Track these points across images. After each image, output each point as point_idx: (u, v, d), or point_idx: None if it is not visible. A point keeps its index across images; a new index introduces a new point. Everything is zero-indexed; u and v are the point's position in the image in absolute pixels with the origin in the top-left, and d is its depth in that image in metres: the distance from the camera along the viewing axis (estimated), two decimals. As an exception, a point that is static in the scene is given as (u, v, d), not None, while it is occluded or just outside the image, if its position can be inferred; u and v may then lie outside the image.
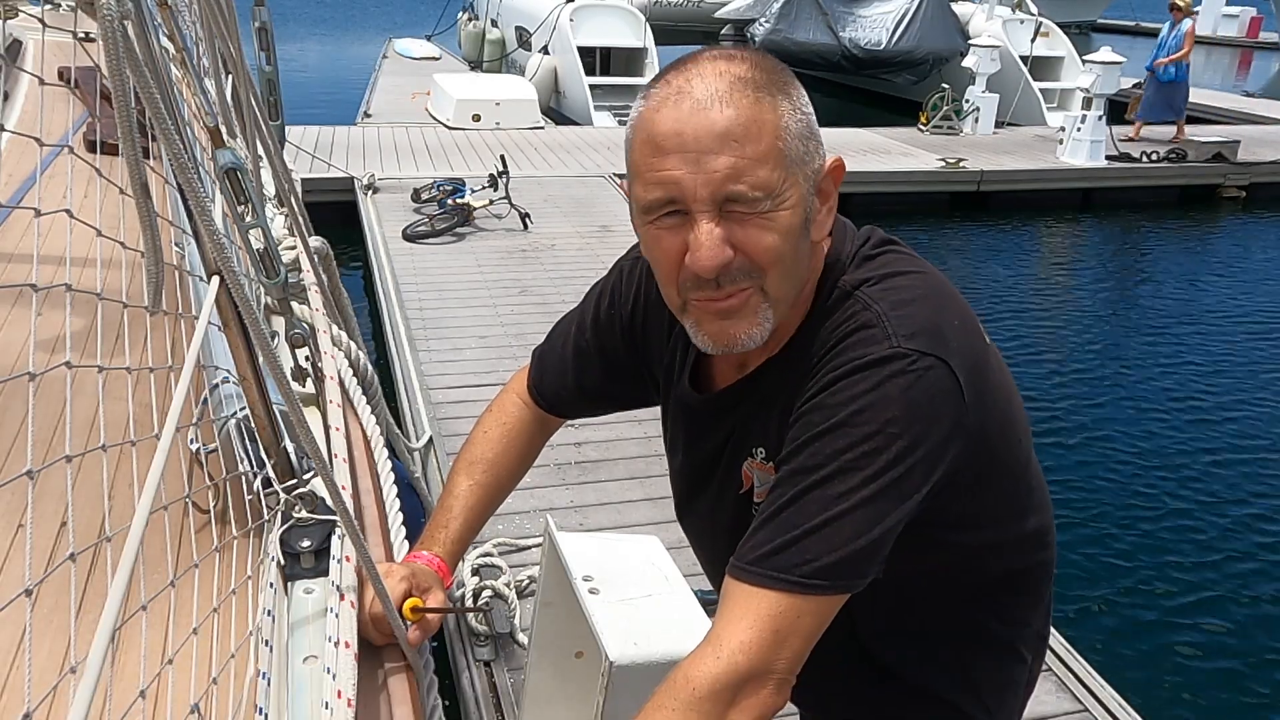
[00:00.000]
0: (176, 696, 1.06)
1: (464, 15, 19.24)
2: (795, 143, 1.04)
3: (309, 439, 1.18)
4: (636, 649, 1.64)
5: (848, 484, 1.02)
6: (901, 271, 1.12)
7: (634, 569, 1.89)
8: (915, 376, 1.02)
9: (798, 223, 1.06)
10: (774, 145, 1.02)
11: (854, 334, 1.06)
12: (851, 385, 1.03)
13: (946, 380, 1.03)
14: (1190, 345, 7.36)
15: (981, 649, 1.32)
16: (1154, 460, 5.57)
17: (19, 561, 1.36)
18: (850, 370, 1.04)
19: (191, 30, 3.01)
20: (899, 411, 1.01)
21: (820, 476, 1.03)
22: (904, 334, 1.04)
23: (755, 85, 1.02)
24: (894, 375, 1.02)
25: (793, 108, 1.04)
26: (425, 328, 5.68)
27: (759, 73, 1.04)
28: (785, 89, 1.05)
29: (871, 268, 1.13)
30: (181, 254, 2.07)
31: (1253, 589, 4.43)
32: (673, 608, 1.80)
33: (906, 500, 1.04)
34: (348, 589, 1.23)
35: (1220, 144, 11.59)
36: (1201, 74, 26.69)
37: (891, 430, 1.01)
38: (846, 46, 16.16)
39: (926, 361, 1.02)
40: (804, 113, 1.06)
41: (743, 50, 1.07)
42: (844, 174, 1.13)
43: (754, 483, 1.23)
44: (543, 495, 3.93)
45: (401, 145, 10.50)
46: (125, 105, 1.03)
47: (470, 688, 2.94)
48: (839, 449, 1.03)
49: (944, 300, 1.10)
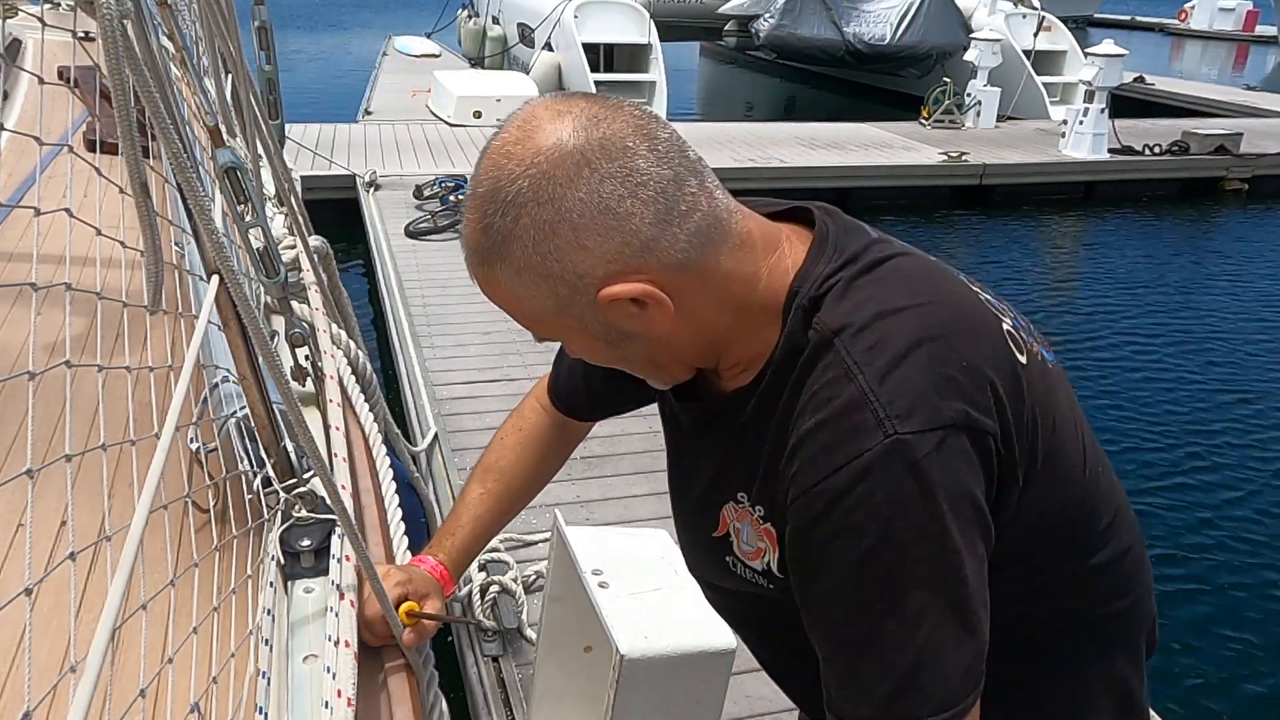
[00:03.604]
0: (176, 696, 1.06)
1: (463, 12, 19.23)
2: (531, 304, 0.96)
3: (308, 438, 1.18)
4: (647, 642, 1.64)
5: (911, 606, 0.91)
6: (892, 310, 0.95)
7: (643, 563, 1.89)
8: (928, 462, 0.89)
9: (599, 347, 1.01)
10: (516, 313, 0.99)
11: (839, 416, 0.91)
12: (859, 497, 0.90)
13: (959, 446, 0.91)
14: (1194, 337, 7.35)
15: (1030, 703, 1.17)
16: (1159, 455, 5.56)
17: (19, 561, 1.37)
18: (851, 480, 0.90)
19: (191, 29, 3.01)
20: (925, 510, 0.89)
21: (880, 609, 0.92)
22: (898, 415, 0.89)
23: (480, 257, 0.95)
24: (904, 475, 0.89)
25: (515, 272, 0.93)
26: (429, 324, 5.68)
27: (480, 237, 0.94)
28: (502, 251, 0.92)
29: (855, 304, 0.96)
30: (181, 253, 2.07)
31: (1256, 587, 4.43)
32: (683, 601, 1.80)
33: (972, 575, 0.93)
34: (348, 588, 1.24)
35: (1222, 137, 11.57)
36: (1198, 68, 26.70)
37: (928, 529, 0.90)
38: (850, 42, 16.14)
39: (933, 438, 0.89)
40: (534, 265, 0.92)
41: (477, 187, 0.94)
42: (637, 293, 0.93)
43: (733, 531, 1.10)
44: (548, 491, 3.87)
45: (403, 142, 10.51)
46: (125, 105, 1.03)
47: (478, 683, 2.94)
48: (882, 574, 0.91)
49: (945, 339, 0.94)
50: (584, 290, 0.93)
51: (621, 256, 0.91)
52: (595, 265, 0.91)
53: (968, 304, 1.01)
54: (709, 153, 10.90)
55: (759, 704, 2.81)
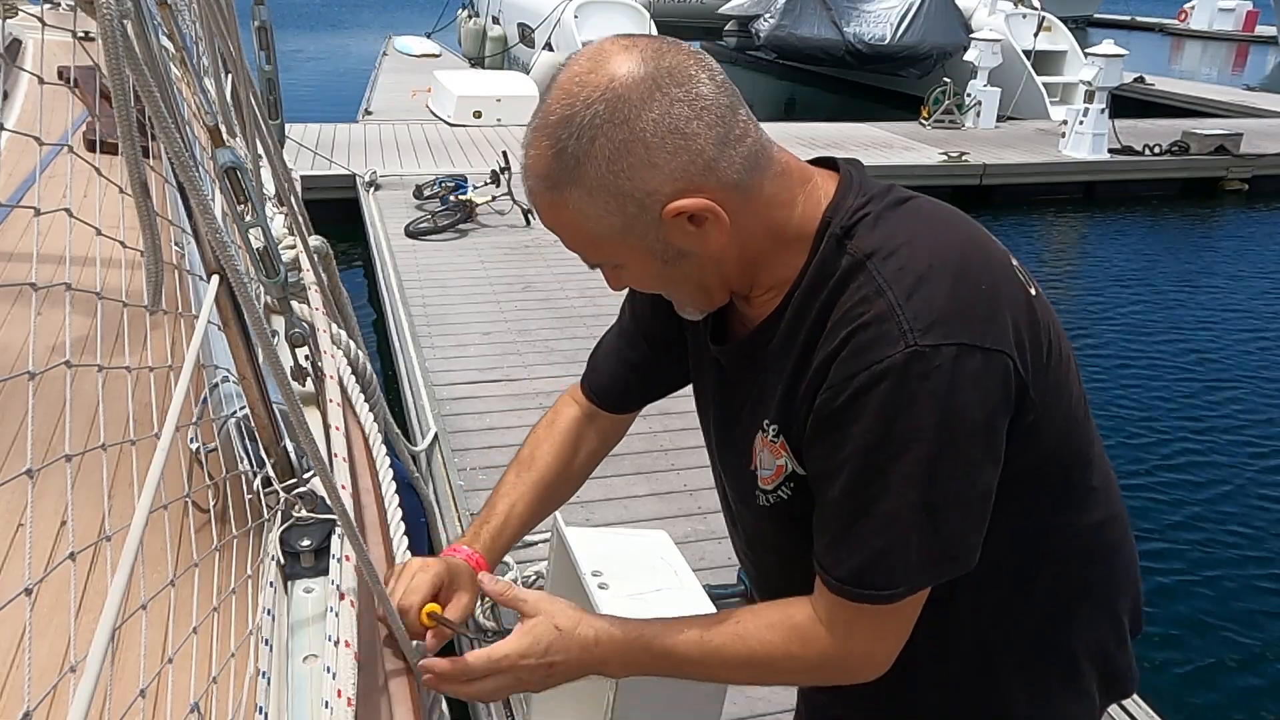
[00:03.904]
0: (176, 695, 1.06)
1: (464, 12, 19.24)
2: (597, 224, 1.03)
3: (308, 438, 1.18)
4: None
5: (895, 498, 1.01)
6: (919, 238, 1.04)
7: (643, 564, 1.90)
8: (940, 374, 0.97)
9: (650, 270, 1.09)
10: (581, 236, 1.06)
11: (866, 328, 1.00)
12: (872, 397, 0.99)
13: (976, 363, 0.98)
14: (1194, 337, 7.35)
15: (1015, 657, 1.25)
16: (1160, 454, 5.56)
17: (19, 561, 1.37)
18: (870, 381, 0.99)
19: (191, 29, 3.01)
20: (927, 416, 0.98)
21: (871, 494, 1.03)
22: (920, 328, 0.97)
23: (549, 181, 1.02)
24: (915, 382, 0.97)
25: (587, 193, 1.00)
26: (429, 324, 5.68)
27: (552, 162, 1.00)
28: (575, 173, 1.00)
29: (886, 233, 1.05)
30: (181, 253, 2.07)
31: (1262, 583, 4.42)
32: (682, 602, 1.80)
33: (960, 485, 1.02)
34: (348, 588, 1.23)
35: (1222, 137, 11.57)
36: (1198, 68, 26.69)
37: (927, 436, 0.98)
38: (851, 42, 16.14)
39: (949, 352, 0.97)
40: (606, 185, 1.00)
41: (549, 115, 1.00)
42: (700, 208, 1.02)
43: (758, 463, 1.19)
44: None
45: (403, 142, 10.51)
46: (125, 104, 1.03)
47: (475, 684, 2.94)
48: (879, 466, 1.01)
49: (966, 265, 1.04)
50: (651, 207, 1.01)
51: (688, 174, 0.99)
52: (664, 182, 0.99)
53: (983, 238, 1.11)
54: (709, 153, 10.89)
55: (759, 704, 2.81)
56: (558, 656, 1.17)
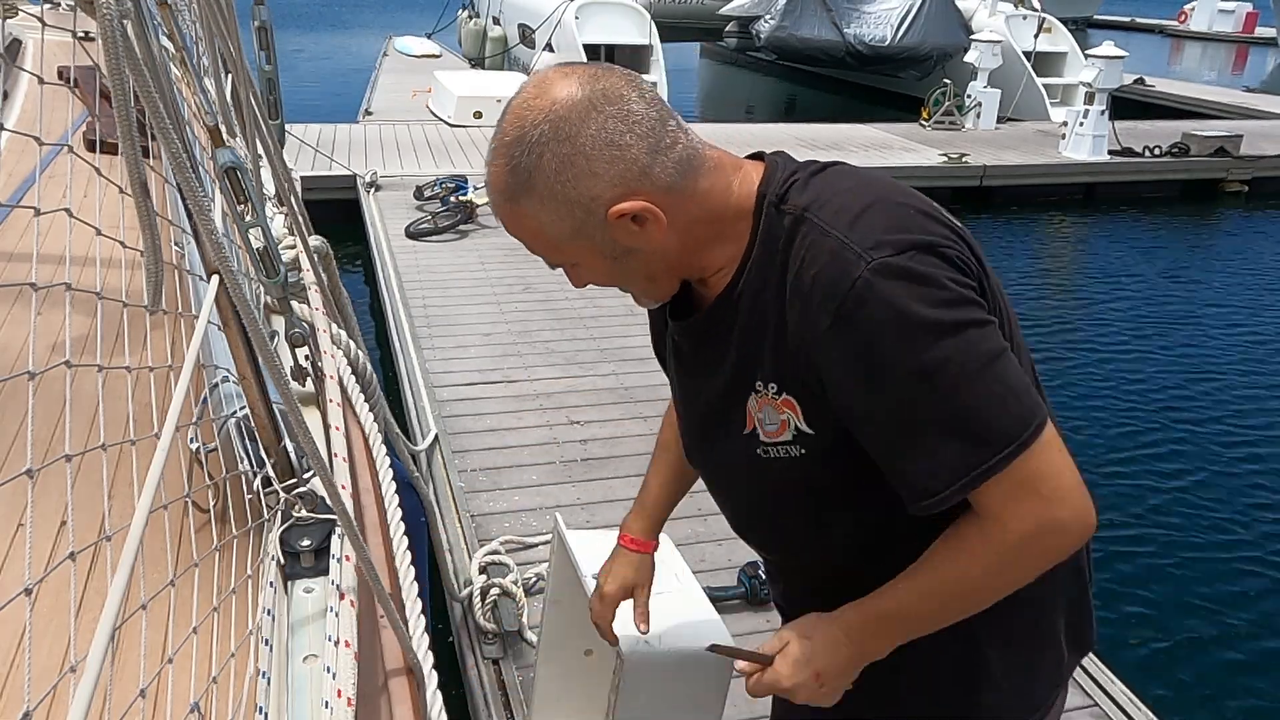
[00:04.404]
0: (176, 695, 1.06)
1: (464, 13, 19.23)
2: (552, 229, 1.15)
3: (308, 438, 1.18)
4: (648, 648, 1.64)
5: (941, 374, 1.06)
6: (847, 188, 1.16)
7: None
8: (909, 262, 1.07)
9: (604, 264, 1.20)
10: (539, 241, 1.18)
11: (825, 265, 1.10)
12: (866, 314, 1.06)
13: (929, 259, 1.08)
14: (1194, 339, 7.35)
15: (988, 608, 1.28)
16: (1159, 453, 5.56)
17: (19, 561, 1.37)
18: (855, 304, 1.07)
19: (191, 29, 3.01)
20: (923, 295, 1.06)
21: (916, 389, 1.07)
22: (871, 247, 1.07)
23: (507, 194, 1.14)
24: (894, 281, 1.06)
25: (539, 202, 1.13)
26: (429, 325, 5.68)
27: (508, 177, 1.13)
28: (528, 185, 1.12)
29: (816, 189, 1.16)
30: (181, 253, 2.07)
31: (1267, 582, 4.43)
32: (683, 604, 1.80)
33: (992, 333, 1.09)
34: (348, 588, 1.23)
35: (1222, 139, 11.57)
36: (1198, 69, 26.68)
37: (928, 312, 1.06)
38: (851, 43, 16.13)
39: (905, 256, 1.07)
40: (555, 194, 1.12)
41: (504, 137, 1.13)
42: (638, 210, 1.13)
43: (758, 422, 1.24)
44: (549, 493, 3.93)
45: (403, 142, 10.51)
46: (125, 104, 1.03)
47: (479, 685, 2.94)
48: (909, 359, 1.06)
49: (894, 196, 1.15)
50: (596, 210, 1.13)
51: (625, 180, 1.12)
52: (605, 189, 1.12)
53: (906, 187, 1.21)
54: (709, 154, 10.89)
55: (758, 706, 2.81)
56: (818, 663, 1.24)
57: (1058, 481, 1.09)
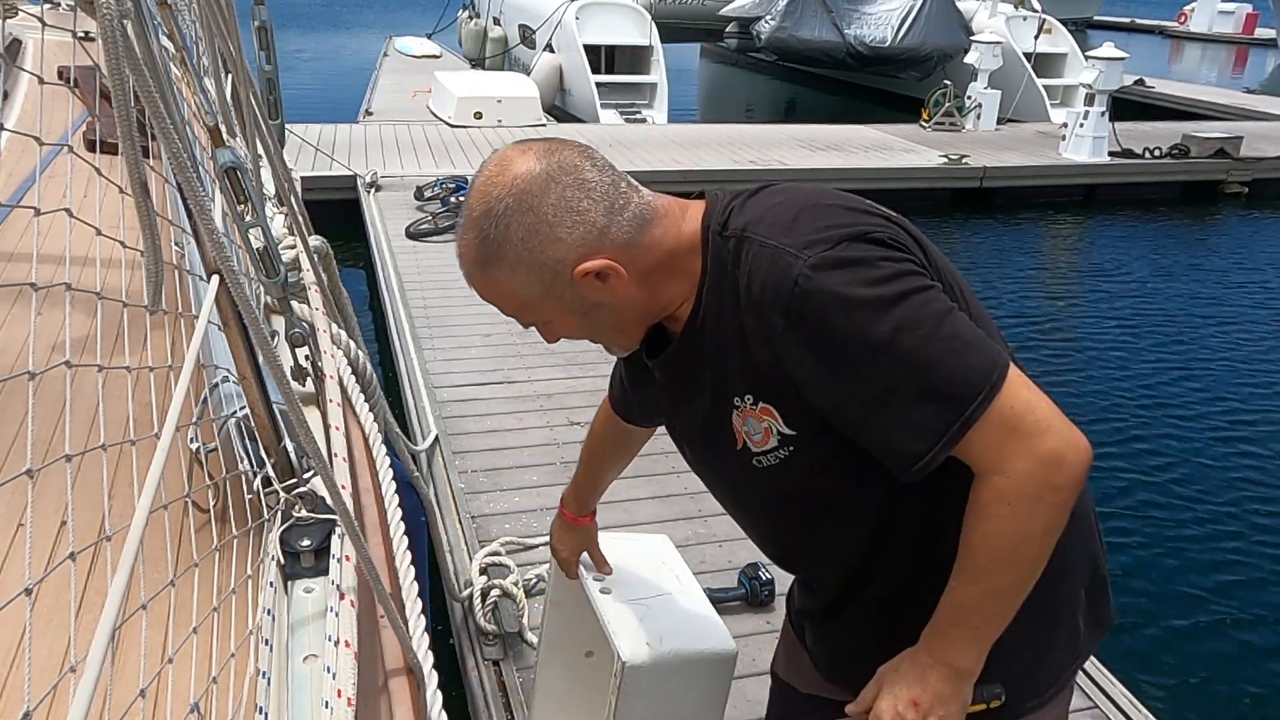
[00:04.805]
0: (176, 695, 1.06)
1: (464, 13, 19.23)
2: (524, 292, 1.24)
3: (309, 438, 1.18)
4: (649, 649, 1.64)
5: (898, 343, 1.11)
6: (778, 203, 1.24)
7: (645, 568, 1.91)
8: (842, 252, 1.14)
9: (575, 319, 1.28)
10: (513, 304, 1.26)
11: (768, 272, 1.17)
12: (813, 307, 1.13)
13: (860, 246, 1.15)
14: (1194, 340, 7.35)
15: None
16: (1160, 455, 5.56)
17: (19, 561, 1.36)
18: (801, 301, 1.13)
19: (191, 29, 3.01)
20: (861, 275, 1.12)
21: (875, 361, 1.12)
22: (804, 247, 1.15)
23: (480, 264, 1.23)
24: (831, 271, 1.13)
25: (510, 268, 1.21)
26: (430, 326, 5.68)
27: (479, 248, 1.21)
28: (498, 254, 1.20)
29: (751, 210, 1.25)
30: (181, 253, 2.07)
31: (1269, 583, 4.43)
32: (685, 607, 1.81)
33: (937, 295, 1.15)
34: (348, 588, 1.23)
35: (1223, 140, 11.57)
36: (1197, 70, 26.67)
37: (870, 290, 1.12)
38: (851, 44, 16.13)
39: (839, 248, 1.14)
40: (524, 260, 1.20)
41: (472, 212, 1.21)
42: (600, 267, 1.21)
43: (745, 437, 1.30)
44: (549, 494, 3.93)
45: (403, 143, 10.51)
46: (125, 104, 1.03)
47: (479, 686, 2.94)
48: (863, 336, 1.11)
49: (821, 200, 1.23)
50: (563, 272, 1.21)
51: (586, 241, 1.21)
52: (569, 251, 1.21)
53: (838, 193, 1.28)
54: (709, 154, 10.92)
55: (759, 708, 2.81)
56: (912, 691, 1.25)
57: (1035, 415, 1.13)
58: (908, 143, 11.88)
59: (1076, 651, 1.43)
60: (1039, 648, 1.37)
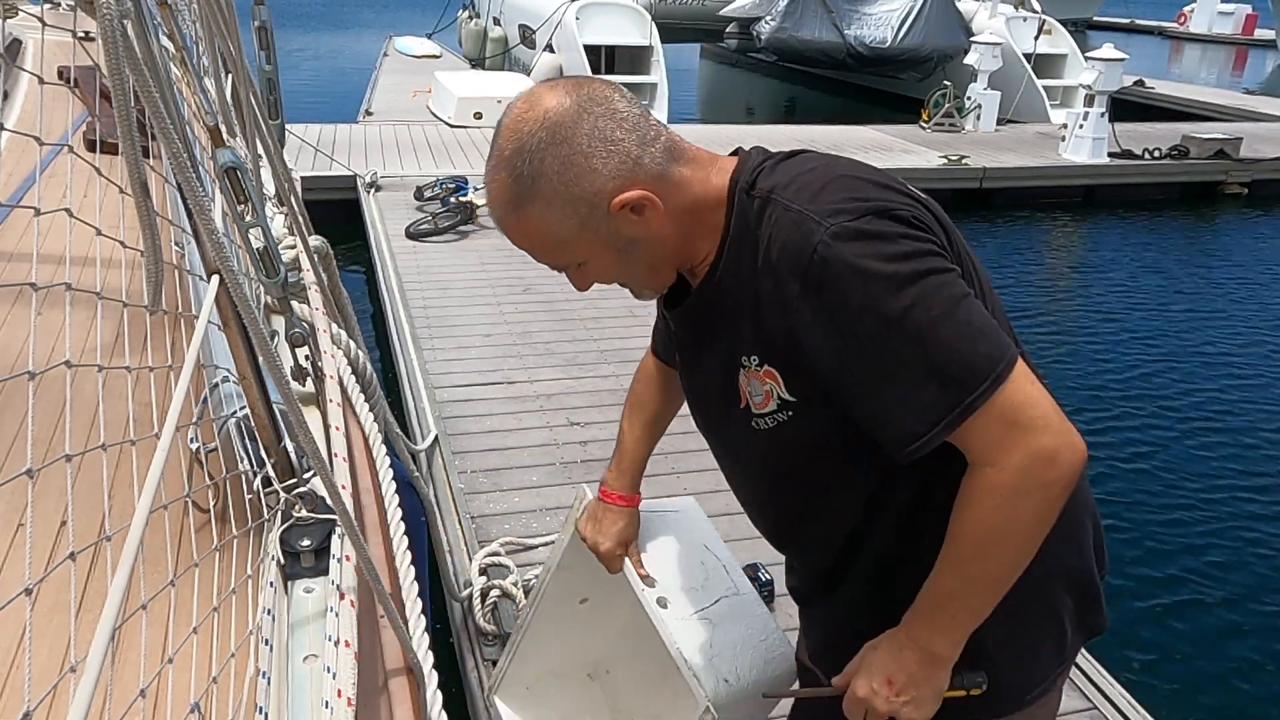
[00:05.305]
0: (176, 695, 1.06)
1: (464, 13, 19.23)
2: (559, 229, 1.23)
3: (308, 438, 1.18)
4: (729, 687, 1.62)
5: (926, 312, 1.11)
6: (808, 169, 1.24)
7: (690, 560, 1.82)
8: (864, 225, 1.13)
9: (610, 257, 1.27)
10: (548, 244, 1.26)
11: (789, 236, 1.17)
12: (831, 275, 1.13)
13: (883, 222, 1.14)
14: (1194, 341, 7.35)
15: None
16: (1158, 456, 5.56)
17: (19, 561, 1.36)
18: (820, 268, 1.13)
19: (191, 29, 3.01)
20: (881, 250, 1.12)
21: (885, 336, 1.12)
22: (829, 215, 1.14)
23: (513, 204, 1.22)
24: (852, 242, 1.12)
25: (545, 204, 1.20)
26: (429, 326, 5.68)
27: (512, 187, 1.21)
28: (532, 191, 1.20)
29: (781, 173, 1.25)
30: (181, 253, 2.07)
31: (1268, 584, 4.43)
32: (743, 613, 1.75)
33: (954, 279, 1.15)
34: (348, 588, 1.23)
35: (1222, 141, 11.57)
36: (1197, 71, 26.66)
37: (890, 265, 1.11)
38: (851, 44, 16.13)
39: (862, 220, 1.14)
40: (559, 194, 1.19)
41: (502, 151, 1.21)
42: (638, 198, 1.21)
43: (748, 397, 1.31)
44: (548, 494, 3.93)
45: (403, 143, 10.51)
46: (125, 104, 1.03)
47: (479, 686, 2.94)
48: (877, 311, 1.11)
49: (852, 172, 1.22)
50: (599, 204, 1.21)
51: (622, 172, 1.21)
52: (605, 182, 1.20)
53: (868, 165, 1.28)
54: (709, 155, 10.89)
55: (784, 705, 2.80)
56: (887, 670, 1.27)
57: (1035, 410, 1.13)
58: (907, 143, 11.88)
59: (1063, 655, 1.42)
60: (1022, 648, 1.37)
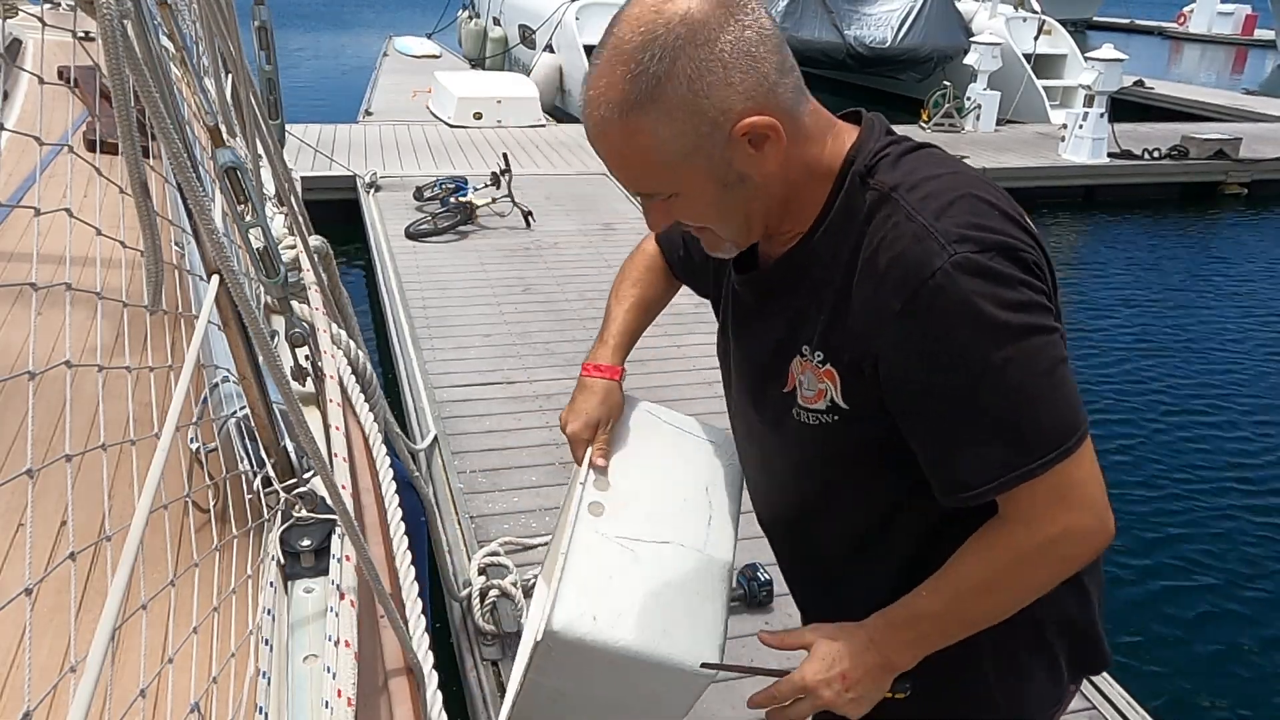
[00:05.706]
0: (176, 695, 1.06)
1: (464, 13, 19.22)
2: (671, 146, 1.09)
3: (309, 438, 1.18)
4: (594, 625, 1.26)
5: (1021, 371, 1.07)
6: (935, 175, 1.14)
7: (673, 486, 1.49)
8: (989, 262, 1.06)
9: (712, 190, 1.14)
10: (648, 163, 1.11)
11: (906, 249, 1.08)
12: (943, 306, 1.06)
13: (1006, 263, 1.07)
14: (1194, 341, 7.35)
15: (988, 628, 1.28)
16: (1159, 456, 5.56)
17: (19, 561, 1.36)
18: (932, 294, 1.06)
19: (191, 29, 3.01)
20: (999, 298, 1.06)
21: (983, 386, 1.08)
22: (955, 241, 1.06)
23: (624, 107, 1.07)
24: (974, 278, 1.06)
25: (663, 113, 1.06)
26: (429, 326, 5.68)
27: (628, 86, 1.06)
28: (653, 94, 1.05)
29: (906, 170, 1.15)
30: (181, 253, 2.07)
31: (1268, 585, 4.43)
32: (684, 576, 1.36)
33: (1057, 341, 1.11)
34: (348, 588, 1.23)
35: (1221, 141, 11.57)
36: (1197, 71, 26.66)
37: (1001, 315, 1.06)
38: (851, 45, 16.13)
39: (987, 255, 1.07)
40: (685, 103, 1.06)
41: (628, 41, 1.06)
42: (766, 126, 1.09)
43: (798, 384, 1.25)
44: (548, 494, 3.93)
45: (403, 143, 10.51)
46: (125, 104, 1.03)
47: (478, 686, 2.94)
48: (976, 361, 1.07)
49: (981, 193, 1.13)
50: (724, 125, 1.07)
51: (757, 94, 1.07)
52: (737, 100, 1.07)
53: (990, 182, 1.18)
54: (709, 155, 10.89)
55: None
56: (844, 665, 1.24)
57: (1086, 490, 1.12)
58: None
59: (1058, 695, 1.40)
60: (1017, 687, 1.35)
